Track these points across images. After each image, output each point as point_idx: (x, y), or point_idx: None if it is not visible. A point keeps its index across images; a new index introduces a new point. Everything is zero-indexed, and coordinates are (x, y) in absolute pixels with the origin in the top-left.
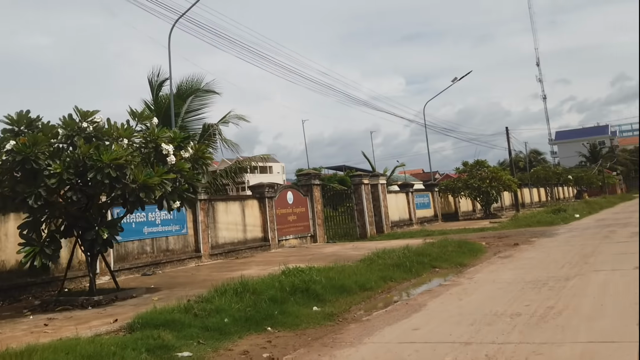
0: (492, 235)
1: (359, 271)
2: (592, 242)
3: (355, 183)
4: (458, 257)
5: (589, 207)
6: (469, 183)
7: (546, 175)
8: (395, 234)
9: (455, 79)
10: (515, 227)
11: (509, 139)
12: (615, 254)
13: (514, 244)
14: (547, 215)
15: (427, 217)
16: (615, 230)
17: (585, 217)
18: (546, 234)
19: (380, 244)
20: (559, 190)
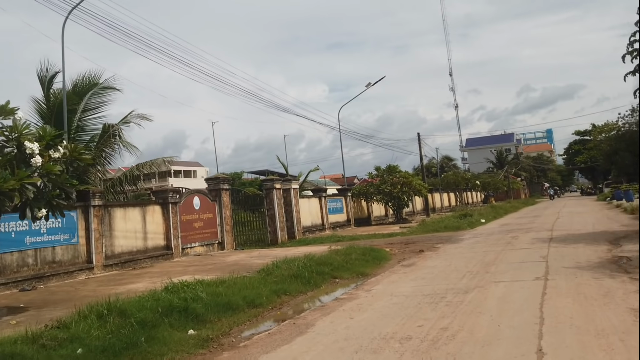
0: (399, 241)
1: (252, 284)
2: (495, 248)
3: (267, 188)
4: (361, 266)
5: (494, 212)
6: (381, 188)
7: (456, 180)
8: (306, 239)
9: (369, 83)
10: (423, 233)
11: (420, 145)
12: (516, 262)
13: (419, 250)
14: (455, 220)
15: (340, 222)
16: (517, 236)
17: (490, 222)
18: (452, 239)
19: (287, 251)
20: (467, 195)
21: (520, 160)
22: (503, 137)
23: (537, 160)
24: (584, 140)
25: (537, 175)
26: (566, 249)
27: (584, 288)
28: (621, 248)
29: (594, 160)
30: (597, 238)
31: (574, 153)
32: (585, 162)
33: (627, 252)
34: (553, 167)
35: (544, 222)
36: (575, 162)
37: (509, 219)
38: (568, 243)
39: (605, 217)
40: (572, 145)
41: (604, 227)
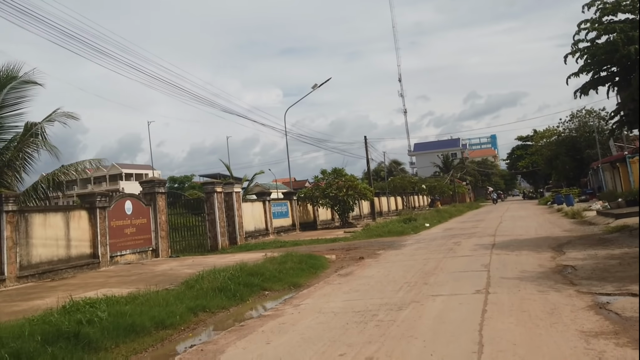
0: (342, 246)
1: (168, 300)
2: (437, 255)
3: (208, 191)
4: (295, 276)
5: (439, 216)
6: (326, 192)
7: (402, 184)
8: (248, 245)
9: (315, 85)
10: (367, 238)
11: (367, 149)
12: (457, 272)
13: (359, 257)
14: (399, 225)
15: (285, 226)
16: (460, 241)
17: (434, 227)
18: (394, 245)
19: (223, 259)
20: (414, 199)
21: (465, 164)
22: (449, 142)
23: (482, 164)
24: (526, 145)
25: (481, 180)
26: (509, 257)
27: (528, 304)
28: (565, 255)
29: (535, 165)
30: (540, 244)
31: (517, 158)
32: (527, 166)
33: (571, 260)
34: (497, 171)
35: (487, 227)
36: (517, 166)
37: (453, 223)
38: (511, 250)
39: (547, 222)
40: (514, 150)
41: (547, 232)
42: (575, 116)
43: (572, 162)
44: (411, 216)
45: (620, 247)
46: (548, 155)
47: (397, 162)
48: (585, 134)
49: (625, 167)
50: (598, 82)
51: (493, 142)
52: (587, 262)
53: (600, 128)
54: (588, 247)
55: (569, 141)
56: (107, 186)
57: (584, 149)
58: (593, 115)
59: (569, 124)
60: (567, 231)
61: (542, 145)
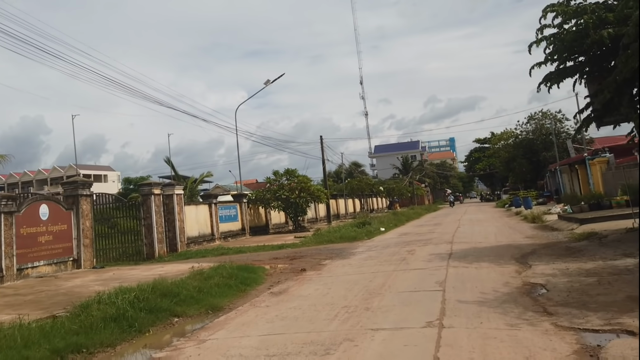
0: (287, 254)
1: (32, 338)
2: (387, 267)
3: (144, 193)
4: (218, 295)
5: (396, 219)
6: (277, 194)
7: (360, 186)
8: (188, 252)
9: (267, 81)
10: (317, 244)
11: (322, 149)
12: (407, 292)
13: (302, 269)
14: (352, 230)
15: (234, 231)
16: (414, 249)
17: (390, 231)
18: (343, 253)
19: (151, 270)
20: (373, 201)
21: (424, 166)
22: (409, 145)
23: (440, 167)
24: (483, 148)
25: (440, 182)
26: (467, 270)
27: (494, 348)
28: (532, 270)
29: (492, 168)
30: (502, 254)
31: (474, 160)
32: (484, 169)
33: (540, 275)
34: (455, 173)
35: (444, 232)
36: (475, 169)
37: (410, 227)
38: (469, 261)
39: (506, 226)
40: (472, 152)
41: (507, 238)
42: (532, 118)
43: (529, 165)
44: (365, 220)
45: (592, 258)
46: (505, 157)
47: (357, 164)
48: (541, 136)
49: (585, 169)
50: (564, 72)
51: (452, 145)
52: (559, 279)
53: (557, 130)
54: (556, 258)
55: (526, 143)
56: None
57: (540, 151)
58: (550, 117)
59: (526, 126)
60: (530, 238)
61: (500, 147)
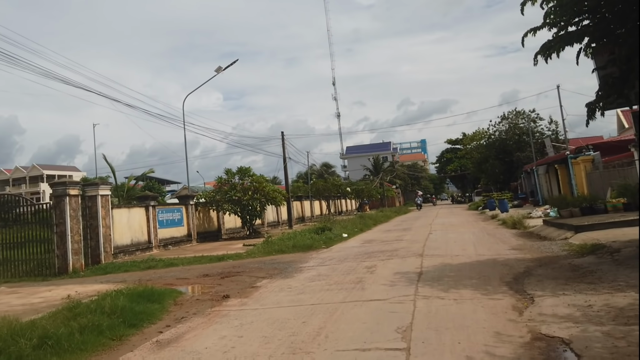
0: (222, 269)
1: None
2: (334, 297)
3: (57, 194)
4: (68, 352)
5: (362, 223)
6: (228, 195)
7: (326, 187)
8: (112, 265)
9: (219, 68)
10: (264, 254)
11: (284, 146)
12: (351, 349)
13: (224, 295)
14: (310, 236)
15: (177, 237)
16: (375, 265)
17: (353, 238)
18: (288, 269)
19: (33, 297)
20: (341, 203)
21: (395, 168)
22: (381, 146)
23: (412, 168)
24: (455, 149)
25: (411, 183)
26: (444, 305)
27: None
28: (537, 307)
29: (464, 169)
30: (488, 274)
31: (446, 161)
32: (455, 170)
33: (552, 318)
34: (426, 175)
35: (413, 240)
36: (446, 170)
37: (377, 232)
38: (446, 286)
39: (485, 233)
40: (444, 153)
41: (490, 250)
42: (505, 117)
43: (502, 165)
44: (326, 225)
45: (617, 286)
46: (477, 158)
47: (328, 165)
48: (514, 136)
49: (565, 169)
50: (566, 39)
51: (423, 147)
52: (588, 329)
53: (530, 130)
54: (564, 284)
55: (499, 144)
56: (26, 188)
57: (514, 152)
58: (523, 117)
59: (499, 125)
60: (517, 250)
61: (472, 148)
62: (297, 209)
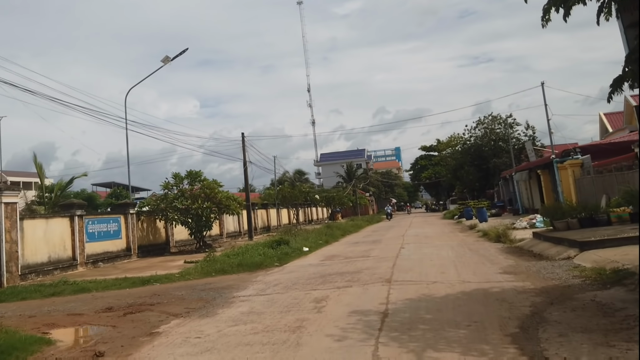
0: (133, 300)
1: None
2: (255, 358)
3: None
4: None
5: (329, 234)
6: (174, 203)
7: (293, 194)
8: (14, 290)
9: (166, 57)
10: (201, 275)
11: (244, 148)
12: None
13: (96, 354)
14: (262, 251)
15: (113, 252)
16: (327, 297)
17: (314, 252)
18: (216, 300)
19: None
20: (311, 211)
21: (369, 175)
22: (355, 153)
23: (386, 175)
24: (430, 155)
25: (385, 191)
26: None
27: None
28: None
29: (438, 176)
30: (481, 319)
31: (420, 169)
32: (430, 177)
33: None
34: (400, 182)
35: (382, 256)
36: (420, 177)
37: (343, 245)
38: (421, 344)
39: (466, 248)
40: (418, 160)
41: (476, 273)
42: (481, 122)
43: (477, 172)
44: (283, 237)
45: None
46: (452, 164)
47: (301, 172)
48: (491, 142)
49: (549, 174)
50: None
51: (397, 155)
52: None
53: (507, 136)
54: (603, 343)
55: (474, 150)
56: None
57: (490, 158)
58: (500, 122)
59: (475, 131)
60: (511, 274)
61: (447, 154)
62: (262, 218)
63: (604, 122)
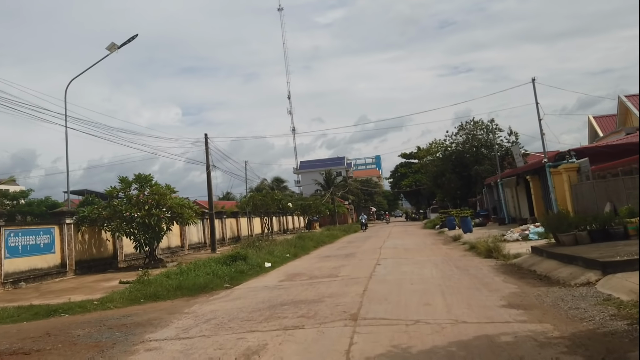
0: (10, 344)
1: None
2: None
3: None
4: None
5: (300, 246)
6: (118, 210)
7: (265, 202)
8: None
9: (113, 45)
10: (128, 303)
11: (207, 150)
12: None
13: None
14: (213, 269)
15: (42, 268)
16: (264, 349)
17: (278, 268)
18: (117, 346)
19: None
20: (287, 220)
21: (348, 182)
22: (335, 161)
23: (365, 183)
24: (410, 163)
25: (364, 199)
26: None
27: None
28: None
29: (419, 184)
30: None
31: (400, 176)
32: (410, 185)
33: None
34: (380, 191)
35: (352, 277)
36: (400, 185)
37: (312, 259)
38: None
39: (452, 266)
40: (398, 168)
41: (472, 308)
42: (462, 128)
43: (459, 180)
44: (239, 252)
45: None
46: (433, 172)
47: (279, 179)
48: (472, 148)
49: (539, 180)
50: None
51: (377, 163)
52: None
53: (489, 142)
54: None
55: (455, 156)
56: None
57: (472, 165)
58: (482, 128)
59: (456, 137)
60: (520, 309)
61: (427, 161)
62: (232, 228)
63: (593, 126)
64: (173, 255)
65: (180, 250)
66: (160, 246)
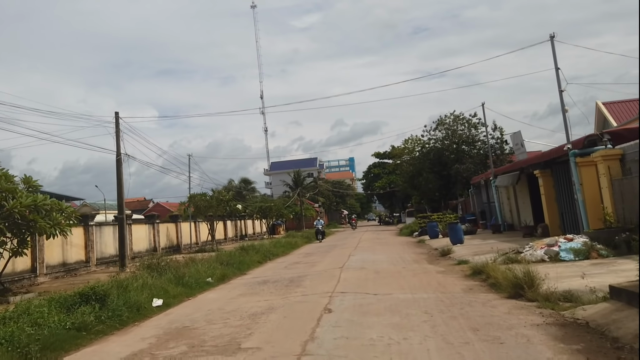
0: None
1: None
2: None
3: None
4: None
5: (234, 262)
6: None
7: (209, 204)
8: None
9: None
10: None
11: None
12: None
13: None
14: (56, 316)
15: None
16: None
17: (166, 311)
18: None
19: None
20: (246, 225)
21: (318, 184)
22: (307, 162)
23: (337, 185)
24: (383, 163)
25: (336, 202)
26: None
27: None
28: None
29: (393, 186)
30: None
31: (373, 177)
32: (383, 187)
33: None
34: (352, 192)
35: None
36: (373, 187)
37: (236, 289)
38: None
39: (464, 324)
40: (371, 168)
41: None
42: (442, 122)
43: (437, 180)
44: (95, 289)
45: None
46: (409, 171)
47: (247, 181)
48: (453, 145)
49: (550, 177)
50: None
51: (351, 165)
52: None
53: (471, 138)
54: None
55: (434, 154)
56: None
57: (452, 164)
58: (463, 122)
59: (435, 132)
60: None
61: (403, 160)
62: (168, 235)
63: (603, 112)
64: (67, 274)
65: (84, 266)
66: (49, 262)
